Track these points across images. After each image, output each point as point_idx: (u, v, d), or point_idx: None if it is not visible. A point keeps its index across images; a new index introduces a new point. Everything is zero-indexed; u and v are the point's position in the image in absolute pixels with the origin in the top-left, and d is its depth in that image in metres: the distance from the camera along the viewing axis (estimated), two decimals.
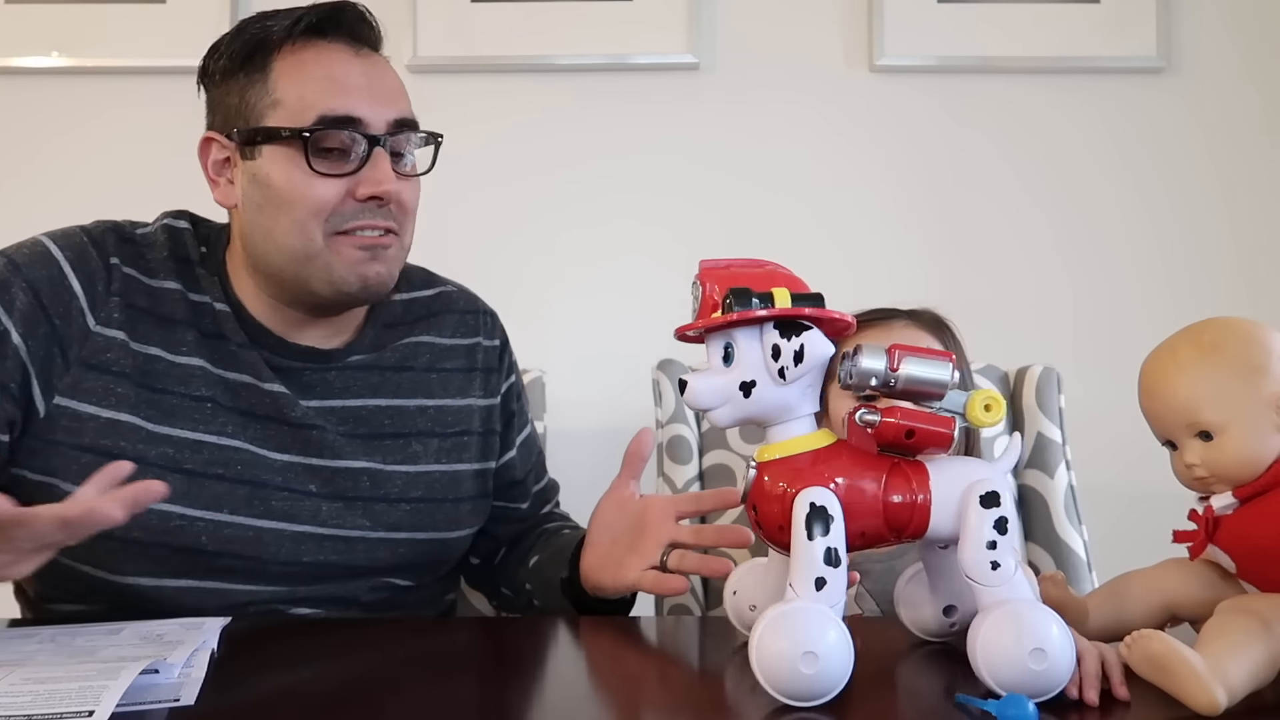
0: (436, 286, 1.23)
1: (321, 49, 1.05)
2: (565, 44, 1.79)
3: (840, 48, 1.82)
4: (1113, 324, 1.79)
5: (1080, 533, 1.40)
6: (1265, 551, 0.75)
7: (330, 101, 1.03)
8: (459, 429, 1.16)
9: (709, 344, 0.77)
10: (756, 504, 0.77)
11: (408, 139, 1.08)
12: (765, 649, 0.69)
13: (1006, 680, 0.70)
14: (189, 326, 1.06)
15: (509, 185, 1.81)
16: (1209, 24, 1.82)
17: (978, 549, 0.74)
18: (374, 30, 1.09)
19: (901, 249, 1.81)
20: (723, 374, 0.75)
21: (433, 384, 1.16)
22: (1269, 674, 0.71)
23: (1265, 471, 0.76)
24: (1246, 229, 1.81)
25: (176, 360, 1.04)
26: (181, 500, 1.00)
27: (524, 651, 0.90)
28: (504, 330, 1.26)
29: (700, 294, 0.76)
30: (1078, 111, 1.82)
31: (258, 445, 1.05)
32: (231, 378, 1.06)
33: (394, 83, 1.09)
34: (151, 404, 1.02)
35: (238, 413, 1.05)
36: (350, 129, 1.03)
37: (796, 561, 0.72)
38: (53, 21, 1.78)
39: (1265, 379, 0.77)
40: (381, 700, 0.75)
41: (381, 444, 1.11)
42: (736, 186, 1.81)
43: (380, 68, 1.08)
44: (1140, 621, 0.77)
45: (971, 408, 0.76)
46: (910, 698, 0.79)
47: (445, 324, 1.20)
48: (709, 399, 0.75)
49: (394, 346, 1.15)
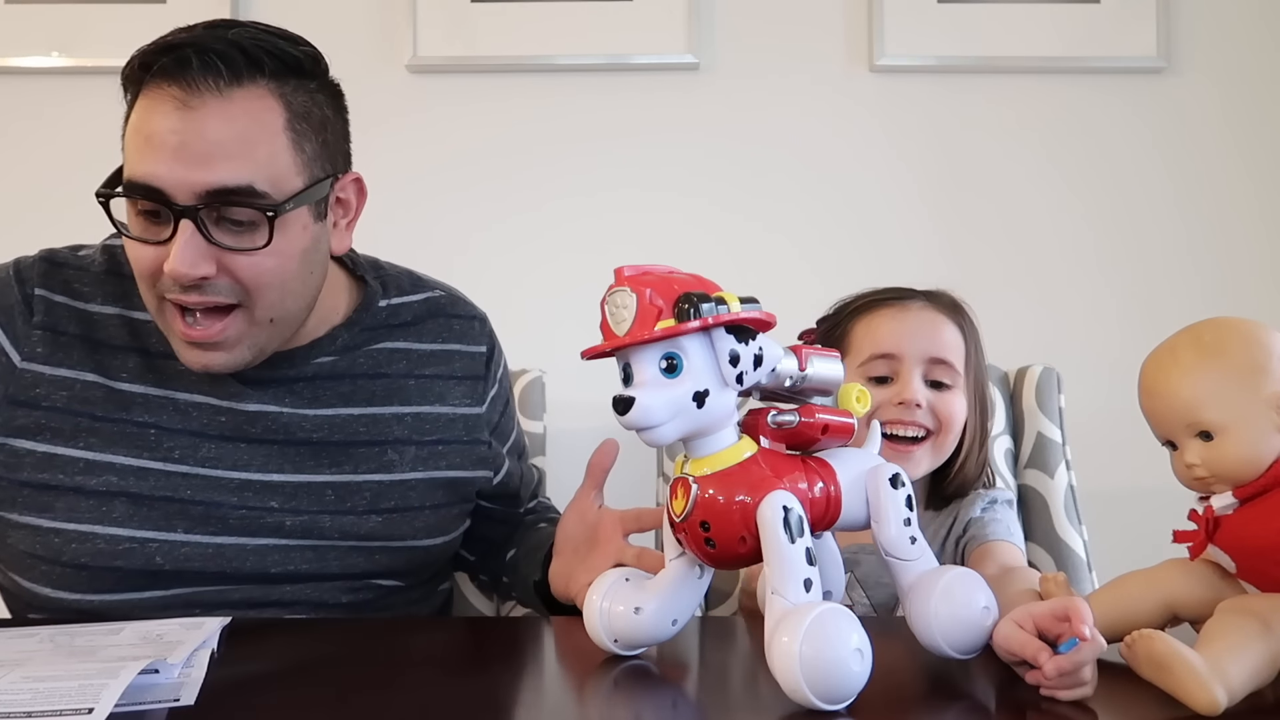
0: (424, 292, 1.18)
1: (153, 96, 0.93)
2: (565, 44, 1.79)
3: (840, 48, 1.82)
4: (1113, 324, 1.79)
5: (1080, 533, 1.40)
6: (1265, 551, 0.75)
7: (134, 165, 0.93)
8: (437, 437, 1.12)
9: (638, 356, 0.72)
10: (708, 520, 0.73)
11: (236, 208, 0.93)
12: (810, 652, 0.66)
13: (962, 643, 0.76)
14: (130, 352, 1.02)
15: (509, 185, 1.81)
16: (1209, 24, 1.82)
17: (897, 527, 0.78)
18: (227, 68, 0.92)
19: (901, 249, 1.81)
20: (668, 386, 0.71)
21: (410, 391, 1.12)
22: (1269, 674, 0.71)
23: (1265, 472, 0.76)
24: (1247, 229, 1.81)
25: (116, 387, 1.01)
26: (130, 523, 0.98)
27: (525, 651, 0.90)
28: (493, 336, 1.22)
29: (635, 303, 0.71)
30: (1078, 112, 1.82)
31: (209, 467, 1.01)
32: (182, 399, 1.02)
33: (222, 139, 0.91)
34: (92, 432, 0.99)
35: (187, 434, 1.01)
36: (152, 199, 0.92)
37: (780, 566, 0.70)
38: (53, 21, 1.78)
39: (1266, 379, 0.77)
40: (382, 700, 0.75)
41: (355, 452, 1.07)
42: (736, 187, 1.81)
43: (207, 122, 0.91)
44: (1140, 622, 0.77)
45: (845, 399, 0.80)
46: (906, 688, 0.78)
47: (427, 330, 1.16)
48: (659, 414, 0.70)
49: (367, 352, 1.11)
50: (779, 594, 0.70)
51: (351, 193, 1.05)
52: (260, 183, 0.93)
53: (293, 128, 0.96)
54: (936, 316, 1.19)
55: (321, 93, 1.00)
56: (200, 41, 0.92)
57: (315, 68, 1.00)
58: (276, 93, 0.95)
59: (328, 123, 1.00)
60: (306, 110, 0.97)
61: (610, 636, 0.81)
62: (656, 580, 0.82)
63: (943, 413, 1.14)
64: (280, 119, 0.95)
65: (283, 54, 0.96)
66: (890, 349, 1.16)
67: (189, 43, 0.92)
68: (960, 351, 1.18)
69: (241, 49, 0.93)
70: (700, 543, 0.75)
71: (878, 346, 1.16)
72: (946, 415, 1.14)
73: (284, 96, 0.96)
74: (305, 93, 0.98)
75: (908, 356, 1.15)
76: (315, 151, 0.98)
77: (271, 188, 0.94)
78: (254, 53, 0.94)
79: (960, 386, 1.17)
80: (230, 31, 0.95)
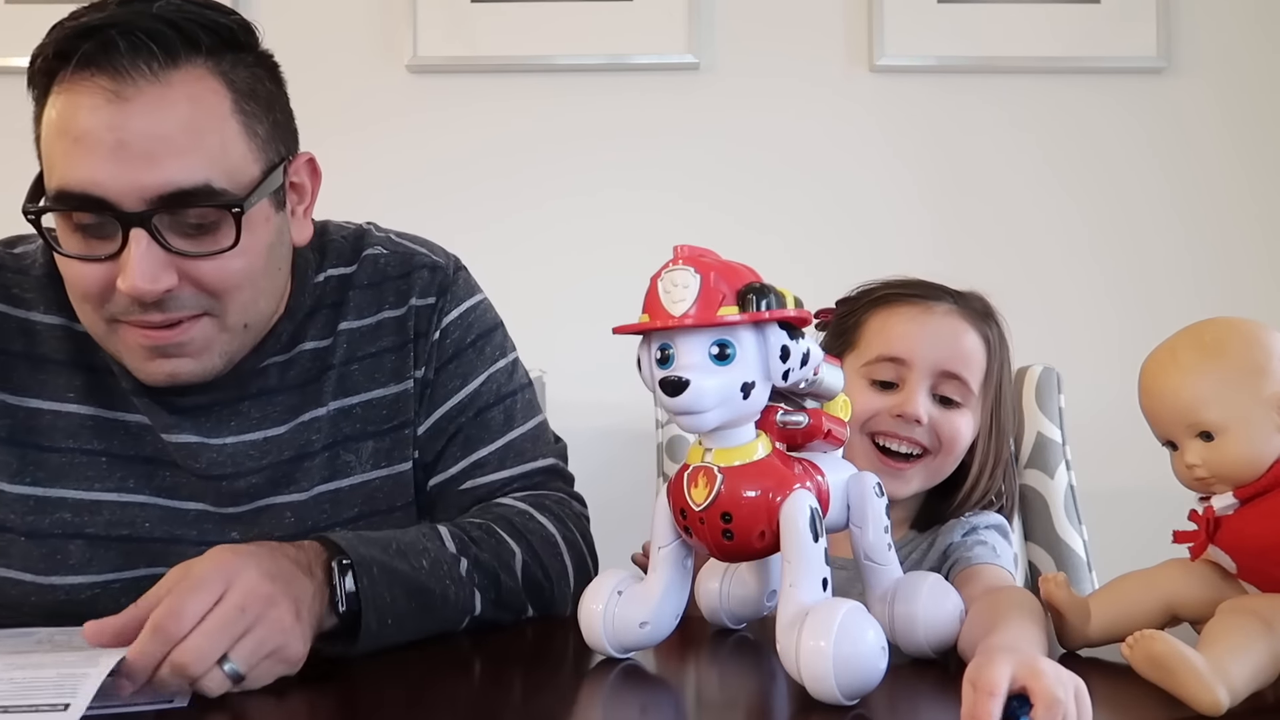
0: (362, 251, 1.02)
1: (76, 89, 0.80)
2: (565, 44, 1.80)
3: (840, 48, 1.82)
4: (1113, 323, 1.79)
5: (1080, 533, 1.40)
6: (1266, 552, 0.75)
7: (66, 171, 0.80)
8: (397, 421, 0.99)
9: (688, 340, 0.70)
10: (730, 512, 0.73)
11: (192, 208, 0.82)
12: (844, 652, 0.66)
13: (942, 639, 0.79)
14: (75, 369, 0.92)
15: (509, 185, 1.81)
16: (1209, 23, 1.82)
17: (878, 533, 0.80)
18: (160, 48, 0.80)
19: (901, 249, 1.81)
20: (719, 373, 0.70)
21: (355, 378, 0.98)
22: (1270, 674, 0.71)
23: (1266, 472, 0.76)
24: (1248, 228, 1.81)
25: (63, 410, 0.91)
26: (89, 568, 0.91)
27: (524, 651, 0.90)
28: (448, 284, 1.03)
29: (699, 285, 0.69)
30: (1078, 112, 1.82)
31: (166, 497, 0.93)
32: (132, 420, 0.92)
33: (167, 132, 0.80)
34: (39, 464, 0.90)
35: (141, 461, 0.92)
36: (94, 209, 0.80)
37: (800, 563, 0.71)
38: (53, 22, 1.77)
39: (1266, 379, 0.77)
40: (383, 699, 0.75)
41: (307, 465, 0.96)
42: (736, 187, 1.81)
43: (146, 114, 0.79)
44: (1141, 622, 0.77)
45: (833, 404, 0.83)
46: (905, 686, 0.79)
47: (366, 300, 1.00)
48: (709, 400, 0.70)
49: (304, 351, 0.98)
50: (796, 589, 0.71)
51: (305, 175, 0.95)
52: (218, 178, 0.82)
53: (241, 109, 0.85)
54: (959, 324, 1.06)
55: (260, 66, 0.90)
56: (124, 20, 0.80)
57: (250, 38, 0.89)
58: (216, 71, 0.84)
59: (274, 99, 0.90)
60: (251, 87, 0.87)
61: (617, 647, 0.80)
62: (651, 586, 0.80)
63: (945, 432, 1.03)
64: (226, 101, 0.84)
65: (216, 26, 0.85)
66: (901, 353, 1.04)
67: (110, 23, 0.80)
68: (980, 366, 1.06)
69: (172, 24, 0.81)
70: (717, 534, 0.74)
71: (888, 348, 1.05)
72: (950, 436, 1.04)
73: (225, 75, 0.85)
74: (245, 67, 0.87)
75: (918, 365, 1.04)
76: (268, 133, 0.88)
77: (230, 182, 0.83)
78: (187, 28, 0.82)
79: (972, 405, 1.05)
80: (154, 5, 0.82)
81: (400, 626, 0.82)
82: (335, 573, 0.79)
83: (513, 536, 0.95)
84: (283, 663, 0.73)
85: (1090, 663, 0.81)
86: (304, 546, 0.80)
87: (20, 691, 0.64)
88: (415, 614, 0.83)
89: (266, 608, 0.71)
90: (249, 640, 0.70)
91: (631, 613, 0.78)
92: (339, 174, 1.80)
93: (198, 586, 0.70)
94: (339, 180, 1.87)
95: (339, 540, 0.82)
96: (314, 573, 0.78)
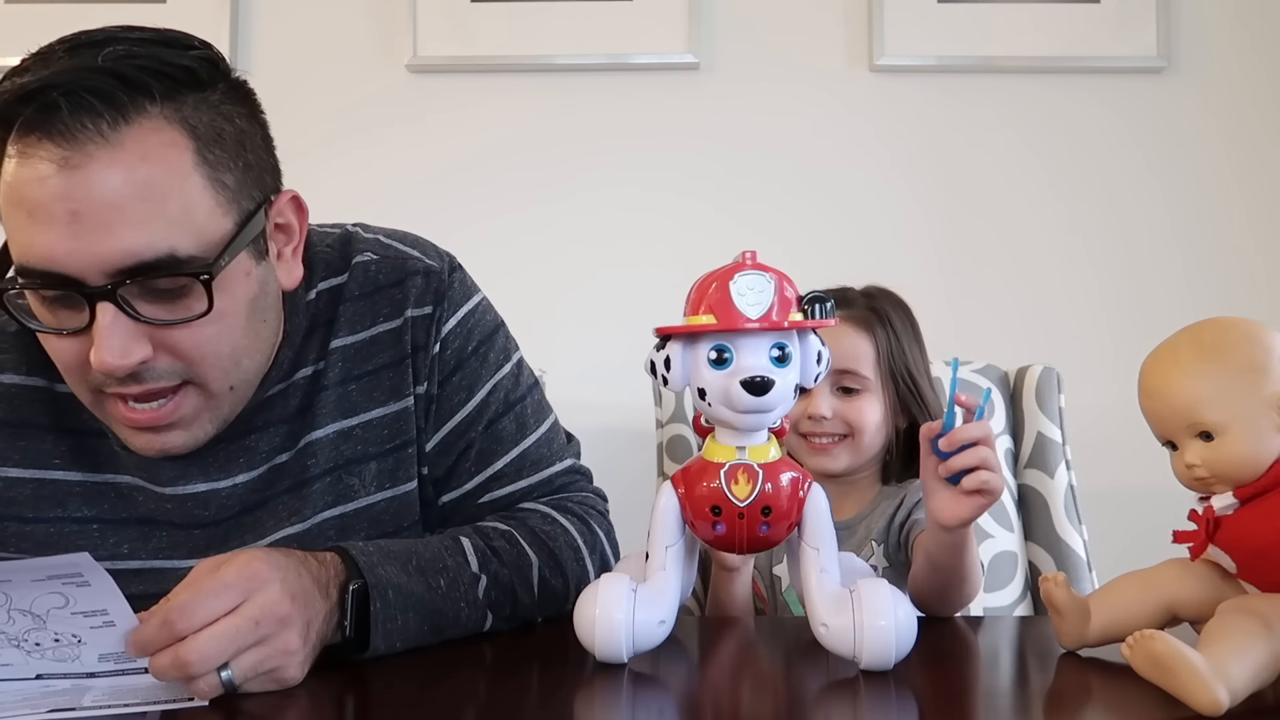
0: (352, 259, 0.96)
1: (24, 156, 0.74)
2: (565, 44, 1.80)
3: (840, 48, 1.82)
4: (1113, 323, 1.79)
5: (1080, 533, 1.40)
6: (1266, 552, 0.75)
7: (24, 247, 0.75)
8: (399, 440, 0.95)
9: (748, 343, 0.76)
10: (770, 505, 0.78)
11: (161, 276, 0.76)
12: (903, 617, 0.75)
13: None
14: (60, 434, 0.88)
15: (509, 185, 1.81)
16: (1209, 23, 1.82)
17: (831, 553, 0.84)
18: (106, 105, 0.74)
19: (901, 249, 1.81)
20: (781, 374, 0.77)
21: (352, 398, 0.94)
22: (1270, 674, 0.71)
23: (1266, 472, 0.76)
24: (1247, 228, 1.81)
25: (47, 478, 0.87)
26: None
27: (524, 651, 0.90)
28: (444, 290, 0.97)
29: (774, 290, 0.76)
30: (1078, 112, 1.82)
31: (163, 559, 0.89)
32: (122, 482, 0.88)
33: (122, 200, 0.74)
34: (24, 537, 0.87)
35: (134, 524, 0.89)
36: (57, 285, 0.75)
37: (828, 550, 0.79)
38: (53, 21, 1.77)
39: (1266, 379, 0.77)
40: (384, 699, 0.75)
41: (308, 491, 0.93)
42: (737, 186, 1.81)
43: (98, 181, 0.73)
44: (1141, 622, 0.77)
45: None
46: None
47: (358, 314, 0.95)
48: (782, 398, 0.77)
49: (303, 375, 0.93)
50: (828, 574, 0.79)
51: (291, 214, 0.88)
52: (182, 244, 0.76)
53: (205, 159, 0.78)
54: (840, 329, 1.22)
55: (228, 101, 0.82)
56: (66, 79, 0.73)
57: (214, 71, 0.81)
58: (176, 118, 0.77)
59: (245, 138, 0.82)
60: (217, 131, 0.80)
61: (633, 651, 0.80)
62: (664, 584, 0.80)
63: (852, 419, 1.22)
64: (187, 154, 0.77)
65: (171, 67, 0.77)
66: None
67: (52, 83, 0.73)
68: (868, 358, 1.23)
69: (119, 76, 0.74)
70: (756, 527, 0.79)
71: None
72: (856, 420, 1.22)
73: (185, 121, 0.78)
74: (209, 107, 0.80)
75: None
76: (238, 180, 0.81)
77: (196, 245, 0.77)
78: (135, 78, 0.75)
79: (871, 389, 1.22)
80: (101, 52, 0.75)
81: (407, 644, 0.83)
82: (350, 600, 0.79)
83: (533, 546, 0.93)
84: (276, 683, 0.73)
85: (1090, 663, 0.81)
86: (326, 562, 0.80)
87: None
88: (424, 635, 0.84)
89: (279, 628, 0.71)
90: (252, 655, 0.70)
91: (649, 614, 0.79)
92: (339, 174, 1.82)
93: (219, 591, 0.70)
94: (339, 180, 1.88)
95: (359, 557, 0.81)
96: (329, 594, 0.78)
